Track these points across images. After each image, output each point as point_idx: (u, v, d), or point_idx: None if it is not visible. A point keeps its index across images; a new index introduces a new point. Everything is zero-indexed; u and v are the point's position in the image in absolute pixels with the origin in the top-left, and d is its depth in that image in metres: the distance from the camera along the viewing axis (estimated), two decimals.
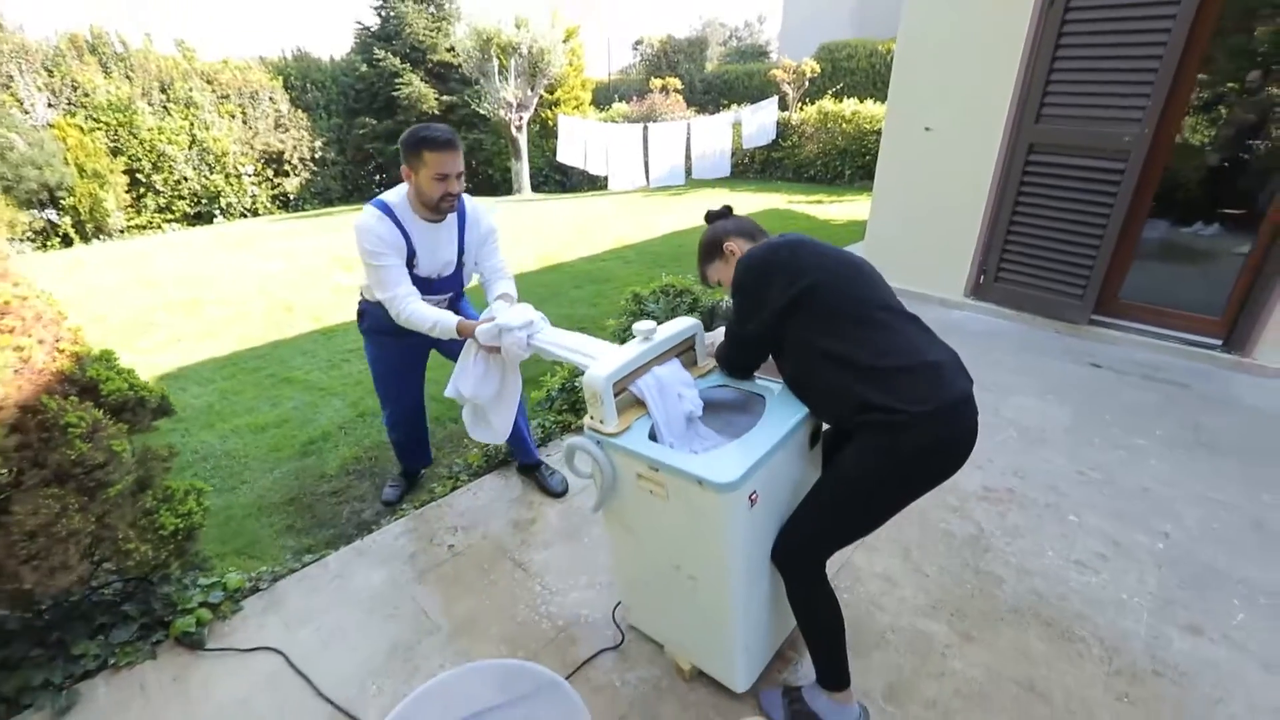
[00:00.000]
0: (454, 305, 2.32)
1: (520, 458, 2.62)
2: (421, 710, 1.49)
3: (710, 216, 1.70)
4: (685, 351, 1.72)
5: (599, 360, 1.56)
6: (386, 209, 2.00)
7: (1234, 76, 4.14)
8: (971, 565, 2.09)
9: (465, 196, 2.15)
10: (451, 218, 2.14)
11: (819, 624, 1.48)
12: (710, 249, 1.64)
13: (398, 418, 2.53)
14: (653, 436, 1.48)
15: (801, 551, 1.45)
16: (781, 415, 1.48)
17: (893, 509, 1.41)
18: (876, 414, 1.27)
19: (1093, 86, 3.48)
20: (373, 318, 2.25)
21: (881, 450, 1.29)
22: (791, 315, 1.38)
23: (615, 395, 1.46)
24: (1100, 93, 3.46)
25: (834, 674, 1.50)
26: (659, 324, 1.64)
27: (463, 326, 1.97)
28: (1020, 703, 1.62)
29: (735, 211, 1.70)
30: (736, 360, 1.63)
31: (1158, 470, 2.57)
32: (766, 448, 1.36)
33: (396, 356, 2.36)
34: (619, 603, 1.92)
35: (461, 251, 2.19)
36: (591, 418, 1.49)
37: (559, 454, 2.82)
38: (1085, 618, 1.88)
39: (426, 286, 2.14)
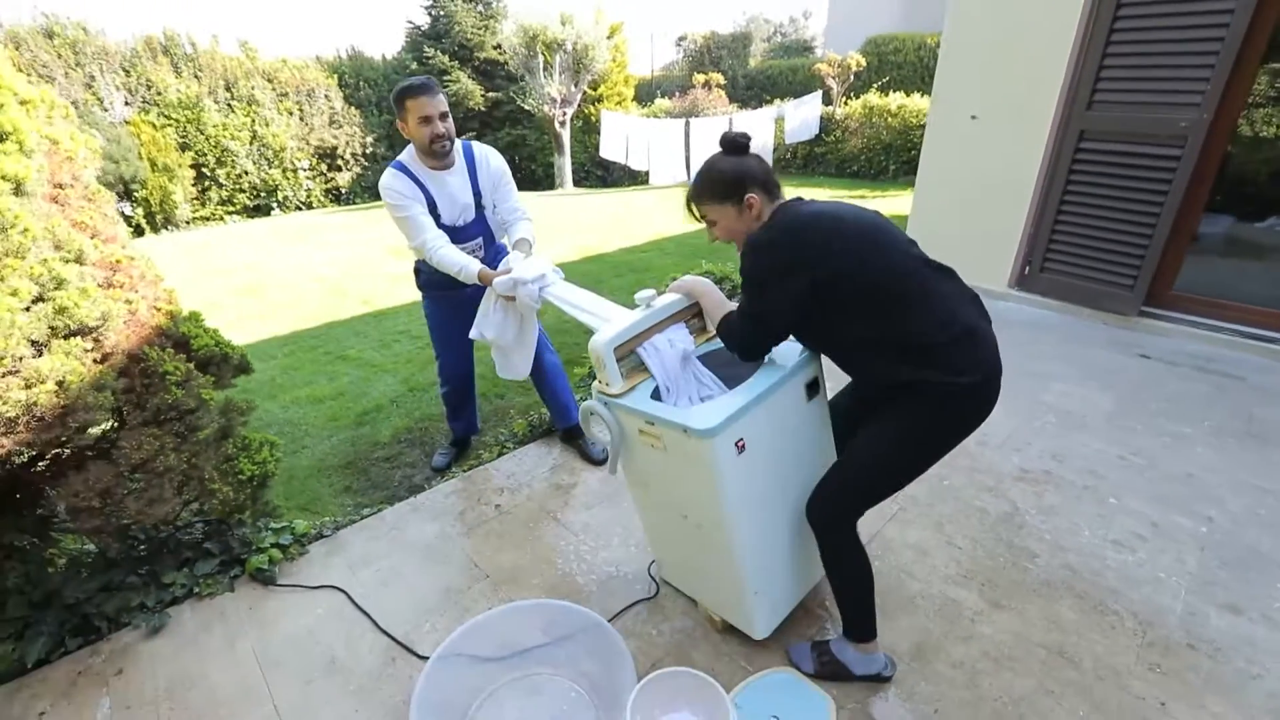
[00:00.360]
0: (487, 251, 2.45)
1: (560, 423, 2.74)
2: (472, 642, 1.62)
3: (730, 144, 1.46)
4: (693, 318, 1.77)
5: (605, 324, 1.65)
6: (400, 165, 2.21)
7: None
8: (1005, 540, 2.11)
9: (471, 142, 2.33)
10: (461, 164, 2.29)
11: (848, 577, 1.54)
12: (729, 186, 1.43)
13: (450, 369, 2.67)
14: (657, 398, 1.56)
15: (838, 510, 1.50)
16: (772, 368, 1.54)
17: (927, 467, 1.46)
18: (926, 385, 1.32)
19: (1149, 70, 3.39)
20: (426, 274, 2.42)
21: (927, 415, 1.35)
22: (816, 303, 1.35)
23: (619, 360, 1.56)
24: (1157, 77, 3.37)
25: (861, 626, 1.57)
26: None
27: (483, 274, 2.15)
28: (1048, 666, 1.65)
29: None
30: (751, 340, 1.47)
31: (1204, 458, 2.52)
32: (750, 397, 1.44)
33: (449, 308, 2.51)
34: (654, 560, 2.02)
35: (478, 195, 2.33)
36: (599, 381, 1.60)
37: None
38: (1119, 593, 1.88)
39: (454, 235, 2.29)
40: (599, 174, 14.66)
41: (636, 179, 12.95)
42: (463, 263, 2.17)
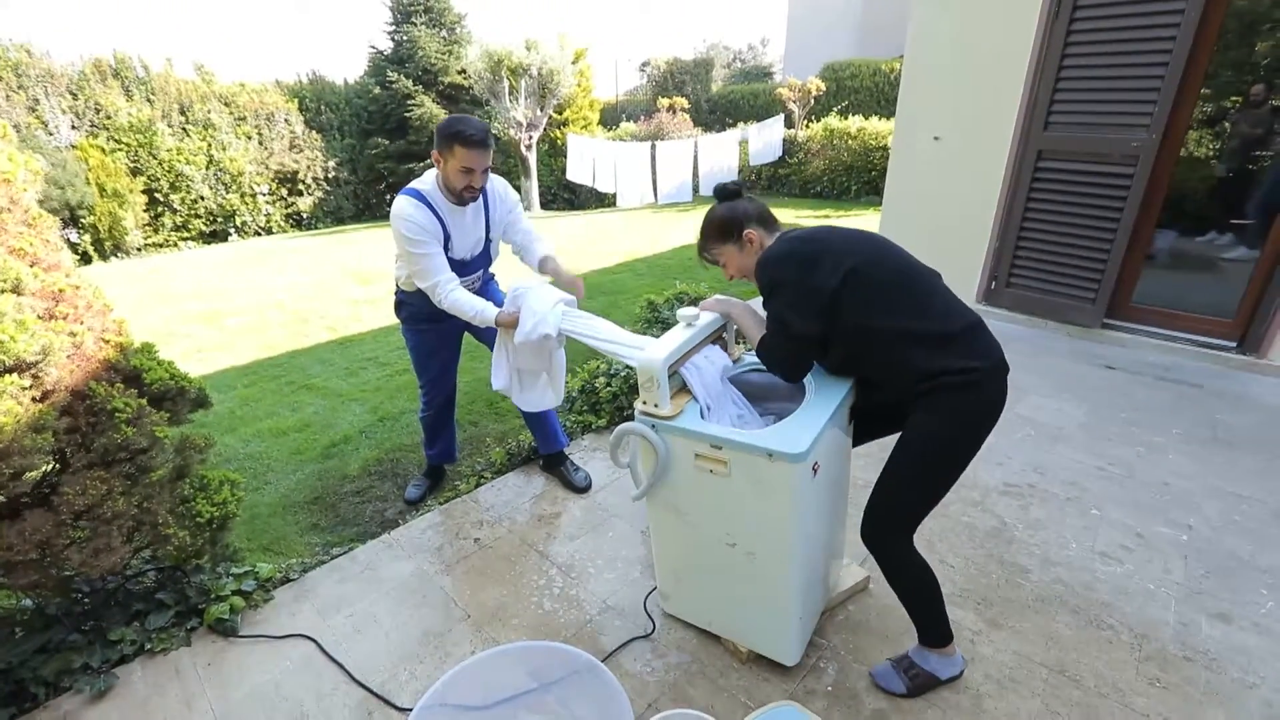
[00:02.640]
0: (484, 283, 2.41)
1: (545, 448, 2.64)
2: (455, 691, 1.51)
3: (724, 193, 1.60)
4: (717, 340, 1.76)
5: (632, 349, 1.60)
6: (420, 196, 2.06)
7: (1238, 89, 4.21)
8: (996, 556, 2.10)
9: (490, 175, 2.23)
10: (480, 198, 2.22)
11: (915, 589, 1.54)
12: (726, 229, 1.55)
13: (433, 398, 2.56)
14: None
15: (897, 527, 1.49)
16: (828, 391, 1.55)
17: (967, 464, 1.45)
18: (953, 376, 1.34)
19: (1100, 94, 3.55)
20: (411, 307, 2.31)
21: (960, 409, 1.37)
22: (839, 302, 1.38)
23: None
24: (1108, 99, 3.52)
25: (936, 631, 1.57)
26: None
27: (501, 320, 2.05)
28: (1051, 685, 1.63)
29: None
30: (793, 362, 1.52)
31: (1177, 465, 2.57)
32: (825, 419, 1.43)
33: (435, 341, 2.42)
34: (651, 591, 1.94)
35: (489, 228, 2.27)
36: (644, 403, 1.52)
37: (580, 453, 2.85)
38: (1112, 606, 1.88)
39: (461, 268, 2.21)
40: (566, 197, 14.66)
41: (604, 201, 12.99)
42: (478, 308, 2.06)
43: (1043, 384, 3.32)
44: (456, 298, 2.06)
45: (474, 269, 2.29)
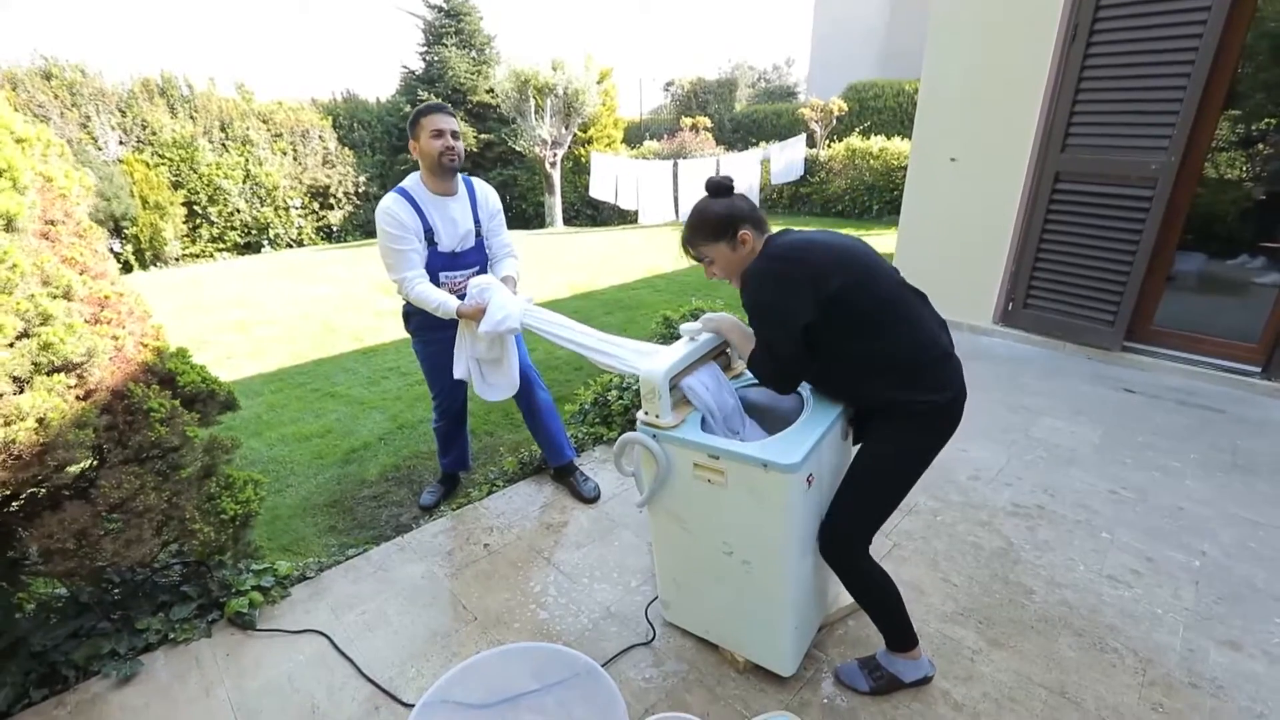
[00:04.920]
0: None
1: (554, 460, 2.70)
2: (458, 688, 1.56)
3: (715, 188, 1.52)
4: (719, 356, 1.81)
5: (654, 357, 1.65)
6: (404, 191, 2.22)
7: (1267, 112, 4.16)
8: (1000, 576, 2.09)
9: (473, 179, 2.39)
10: (463, 191, 2.34)
11: (877, 598, 1.58)
12: (719, 227, 1.50)
13: (445, 406, 2.63)
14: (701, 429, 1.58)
15: (850, 538, 1.54)
16: (825, 407, 1.60)
17: (916, 479, 1.52)
18: (914, 405, 1.40)
19: (1118, 117, 3.54)
20: (419, 317, 2.40)
21: (912, 432, 1.44)
22: (827, 316, 1.39)
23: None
24: (1126, 123, 3.52)
25: (900, 637, 1.62)
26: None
27: (461, 311, 2.16)
28: (1050, 707, 1.62)
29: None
30: (784, 375, 1.53)
31: (1193, 490, 2.53)
32: (819, 433, 1.48)
33: (446, 352, 2.50)
34: (653, 600, 1.98)
35: (478, 223, 2.38)
36: (646, 413, 1.58)
37: (590, 464, 2.91)
38: (1118, 630, 1.86)
39: (452, 261, 2.31)
40: (589, 213, 14.88)
41: (626, 218, 13.16)
42: (440, 299, 2.18)
43: (1058, 406, 3.29)
44: (421, 290, 2.18)
45: (466, 263, 2.36)
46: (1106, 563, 2.14)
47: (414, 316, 2.43)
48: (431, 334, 2.42)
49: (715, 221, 1.50)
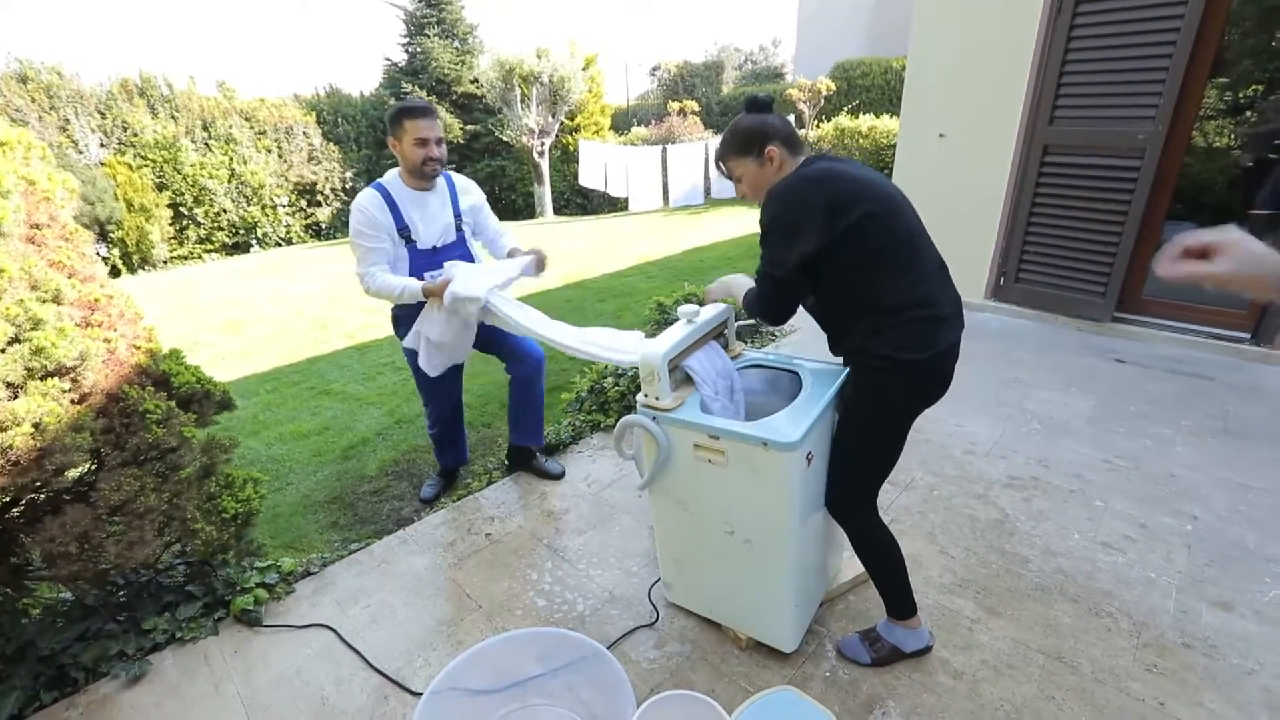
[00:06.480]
0: None
1: (529, 440, 2.68)
2: (466, 675, 1.58)
3: (755, 104, 1.49)
4: (719, 336, 1.82)
5: (653, 340, 1.66)
6: (380, 187, 2.20)
7: (1254, 79, 4.16)
8: (996, 547, 2.12)
9: (452, 173, 2.36)
10: (442, 185, 2.32)
11: (883, 559, 1.61)
12: (749, 140, 1.46)
13: (440, 414, 2.65)
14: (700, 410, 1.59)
15: (849, 492, 1.58)
16: (821, 385, 1.61)
17: (904, 435, 1.54)
18: (873, 359, 1.42)
19: (1105, 87, 3.54)
20: (409, 322, 2.38)
21: (880, 389, 1.46)
22: (835, 247, 1.34)
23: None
24: (1112, 93, 3.52)
25: (901, 604, 1.64)
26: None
27: (426, 289, 2.15)
28: (1048, 672, 1.65)
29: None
30: (776, 302, 1.49)
31: (1184, 457, 2.57)
32: (817, 411, 1.49)
33: None
34: (655, 582, 2.00)
35: (458, 216, 2.36)
36: (646, 395, 1.59)
37: (589, 451, 2.92)
38: (1112, 595, 1.90)
39: (433, 258, 2.29)
40: (579, 202, 14.80)
41: (616, 205, 13.10)
42: (402, 284, 2.17)
43: (1051, 378, 3.32)
44: (382, 280, 2.17)
45: (449, 258, 2.32)
46: (1100, 530, 2.17)
47: (404, 321, 2.41)
48: None
49: (744, 135, 1.47)
